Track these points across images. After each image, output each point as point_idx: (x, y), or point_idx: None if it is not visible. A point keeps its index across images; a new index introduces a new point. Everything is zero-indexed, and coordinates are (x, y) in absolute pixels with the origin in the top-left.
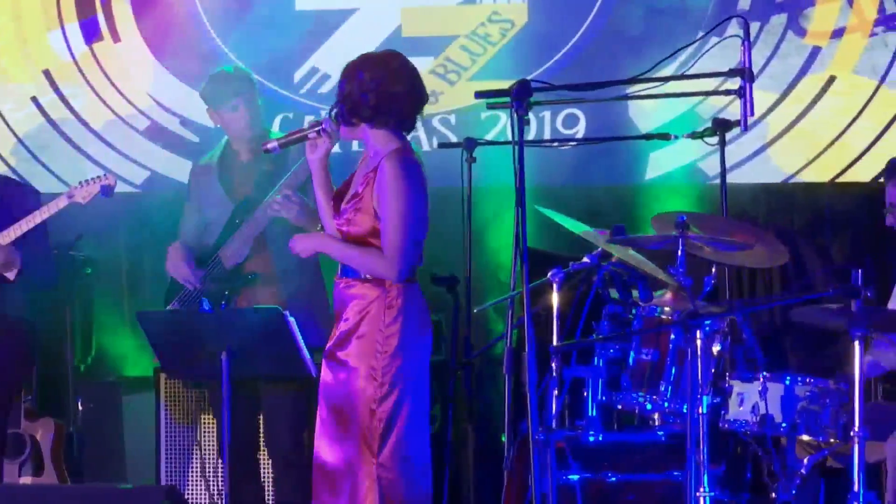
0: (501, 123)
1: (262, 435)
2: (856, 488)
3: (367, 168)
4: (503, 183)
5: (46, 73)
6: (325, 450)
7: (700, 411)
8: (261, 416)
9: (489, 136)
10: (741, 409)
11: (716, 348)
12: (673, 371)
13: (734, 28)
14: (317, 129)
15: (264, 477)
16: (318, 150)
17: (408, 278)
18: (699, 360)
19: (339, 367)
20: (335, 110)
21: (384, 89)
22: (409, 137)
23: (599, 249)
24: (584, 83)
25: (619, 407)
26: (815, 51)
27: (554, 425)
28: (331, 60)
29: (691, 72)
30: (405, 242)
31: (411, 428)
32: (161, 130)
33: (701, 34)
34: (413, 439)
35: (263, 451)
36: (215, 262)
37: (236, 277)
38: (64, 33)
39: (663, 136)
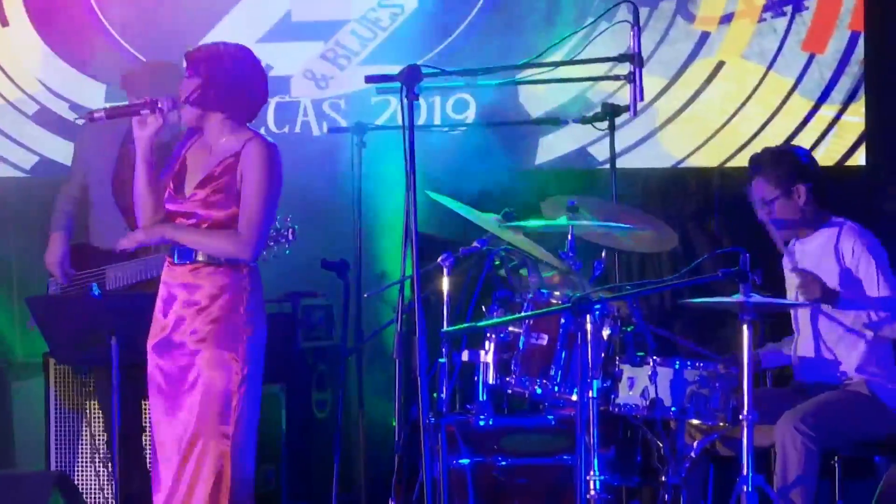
0: (391, 108)
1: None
2: (745, 471)
3: (225, 153)
4: (394, 167)
5: None
6: (166, 431)
7: (590, 395)
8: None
9: (379, 121)
10: (631, 392)
11: (606, 332)
12: (563, 355)
13: (623, 13)
14: (151, 106)
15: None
16: (147, 127)
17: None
18: (589, 344)
19: (181, 353)
20: (196, 92)
21: (248, 82)
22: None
23: (489, 234)
24: (474, 68)
25: (510, 391)
26: (704, 36)
27: (444, 410)
28: None
29: (581, 57)
30: (263, 225)
31: (257, 408)
32: (50, 115)
33: (591, 19)
34: (254, 421)
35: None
36: (98, 274)
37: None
38: None
39: (553, 121)
